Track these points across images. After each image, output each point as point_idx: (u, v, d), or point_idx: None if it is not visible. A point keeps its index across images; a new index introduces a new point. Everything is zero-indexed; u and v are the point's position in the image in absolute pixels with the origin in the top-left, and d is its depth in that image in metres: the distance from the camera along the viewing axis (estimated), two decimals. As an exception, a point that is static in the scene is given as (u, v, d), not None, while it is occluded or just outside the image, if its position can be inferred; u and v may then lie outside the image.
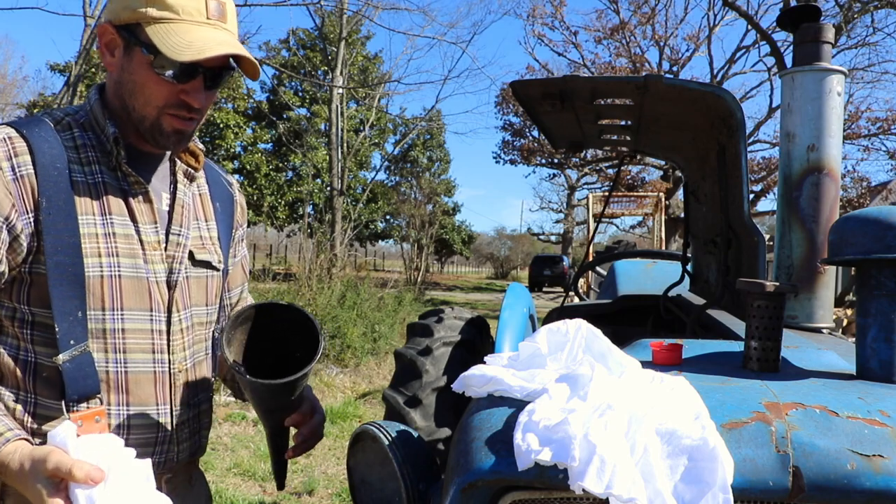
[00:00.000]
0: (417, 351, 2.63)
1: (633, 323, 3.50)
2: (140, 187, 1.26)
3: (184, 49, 1.16)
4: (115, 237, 1.21)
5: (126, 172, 1.24)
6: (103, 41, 1.24)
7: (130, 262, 1.23)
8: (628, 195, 17.09)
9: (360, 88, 22.01)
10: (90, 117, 1.26)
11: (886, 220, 1.27)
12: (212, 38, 1.19)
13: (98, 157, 1.23)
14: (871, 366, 1.29)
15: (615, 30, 23.24)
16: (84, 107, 1.29)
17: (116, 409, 1.23)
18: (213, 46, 1.17)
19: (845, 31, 16.67)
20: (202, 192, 1.43)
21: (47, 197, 1.15)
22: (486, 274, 58.01)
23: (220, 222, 1.44)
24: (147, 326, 1.25)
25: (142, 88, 1.21)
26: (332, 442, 5.31)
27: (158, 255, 1.27)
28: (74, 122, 1.25)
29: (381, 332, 8.72)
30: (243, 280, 1.58)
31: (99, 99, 1.27)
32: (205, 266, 1.37)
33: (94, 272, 1.19)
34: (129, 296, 1.22)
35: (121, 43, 1.21)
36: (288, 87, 27.08)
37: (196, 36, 1.18)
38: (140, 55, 1.19)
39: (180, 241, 1.31)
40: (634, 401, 1.01)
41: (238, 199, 1.53)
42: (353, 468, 1.39)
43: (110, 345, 1.21)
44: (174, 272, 1.30)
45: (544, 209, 39.47)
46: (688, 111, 2.20)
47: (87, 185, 1.20)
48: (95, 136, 1.25)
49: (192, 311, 1.34)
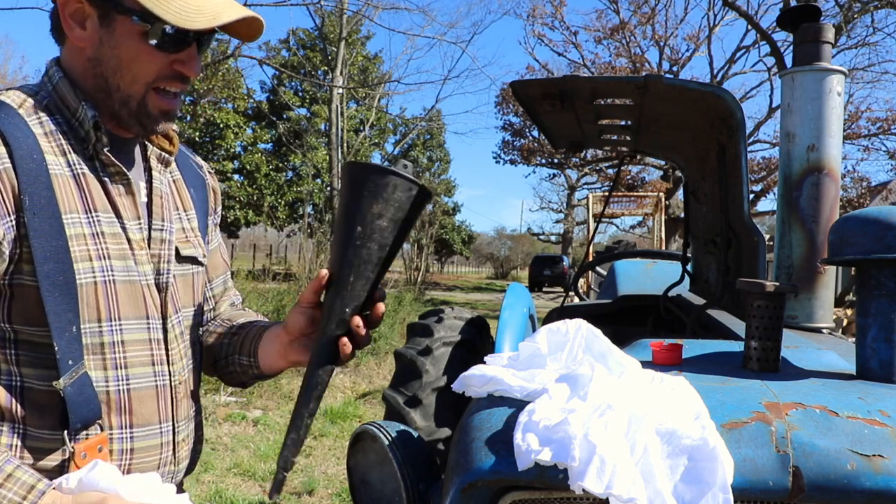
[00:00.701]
0: (417, 351, 2.63)
1: (633, 323, 3.50)
2: (122, 178, 1.11)
3: (193, 15, 1.01)
4: (103, 237, 1.06)
5: (106, 162, 1.09)
6: (67, 12, 1.05)
7: (122, 265, 1.08)
8: (628, 195, 17.09)
9: (360, 88, 22.03)
10: (54, 98, 1.08)
11: (886, 220, 1.27)
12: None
13: (73, 144, 1.06)
14: (871, 366, 1.29)
15: (615, 30, 23.25)
16: (43, 86, 1.09)
17: (119, 432, 1.08)
18: (225, 9, 1.04)
19: (845, 31, 16.67)
20: (176, 178, 1.26)
21: (29, 195, 0.98)
22: (486, 274, 58.01)
23: (198, 210, 1.29)
24: (145, 336, 1.12)
25: (130, 63, 1.05)
26: (332, 442, 5.31)
27: (145, 254, 1.13)
28: (38, 104, 1.06)
29: (380, 332, 8.72)
30: (225, 269, 1.42)
31: (64, 77, 1.08)
32: (190, 262, 1.23)
33: (87, 278, 1.03)
34: (124, 303, 1.08)
35: (93, 12, 1.04)
36: (288, 87, 27.09)
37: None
38: (128, 24, 1.03)
39: (164, 238, 1.17)
40: (634, 401, 1.01)
41: (210, 182, 1.37)
42: (353, 468, 1.39)
43: (110, 360, 1.07)
44: (162, 273, 1.15)
45: (544, 209, 39.52)
46: (688, 111, 2.20)
47: (66, 177, 1.04)
48: (65, 120, 1.07)
49: (183, 314, 1.21)
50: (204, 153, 23.86)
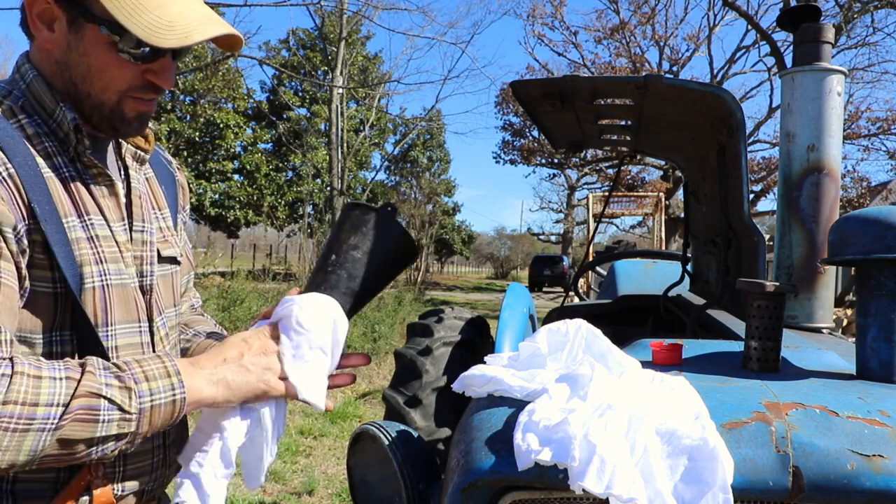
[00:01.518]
0: (417, 351, 2.63)
1: (633, 323, 3.50)
2: (104, 179, 1.08)
3: (163, 31, 0.96)
4: (98, 240, 1.04)
5: (87, 163, 1.05)
6: (34, 12, 1.00)
7: (115, 268, 1.06)
8: (628, 195, 17.09)
9: (360, 88, 22.02)
10: (28, 98, 1.02)
11: (886, 220, 1.27)
12: (191, 12, 1.00)
13: (56, 147, 1.02)
14: (871, 366, 1.29)
15: (615, 30, 23.25)
16: (15, 84, 1.04)
17: None
18: (198, 27, 0.99)
19: (845, 31, 16.68)
20: (149, 175, 1.23)
21: (37, 202, 0.95)
22: (486, 274, 58.01)
23: (170, 207, 1.26)
24: (136, 340, 1.10)
25: (100, 72, 1.01)
26: (332, 442, 5.31)
27: (130, 256, 1.10)
28: (14, 104, 1.01)
29: (380, 332, 8.72)
30: (190, 269, 1.38)
31: (39, 76, 1.03)
32: (169, 262, 1.21)
33: (88, 284, 1.01)
34: (118, 307, 1.06)
35: (61, 15, 0.99)
36: (288, 87, 27.09)
37: (172, 12, 0.98)
38: (96, 33, 0.98)
39: (146, 239, 1.14)
40: (634, 401, 1.01)
41: (179, 178, 1.34)
42: (353, 468, 1.39)
43: None
44: (146, 275, 1.13)
45: (544, 209, 39.51)
46: (688, 111, 2.20)
47: (58, 181, 1.01)
48: (42, 121, 1.02)
49: (166, 315, 1.18)
50: (204, 153, 23.88)
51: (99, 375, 0.91)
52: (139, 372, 0.94)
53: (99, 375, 0.91)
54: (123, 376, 0.93)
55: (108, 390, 0.90)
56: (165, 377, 0.95)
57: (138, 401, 0.92)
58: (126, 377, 0.93)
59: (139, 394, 0.92)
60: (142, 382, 0.93)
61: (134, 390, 0.92)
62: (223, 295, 7.78)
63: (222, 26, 1.03)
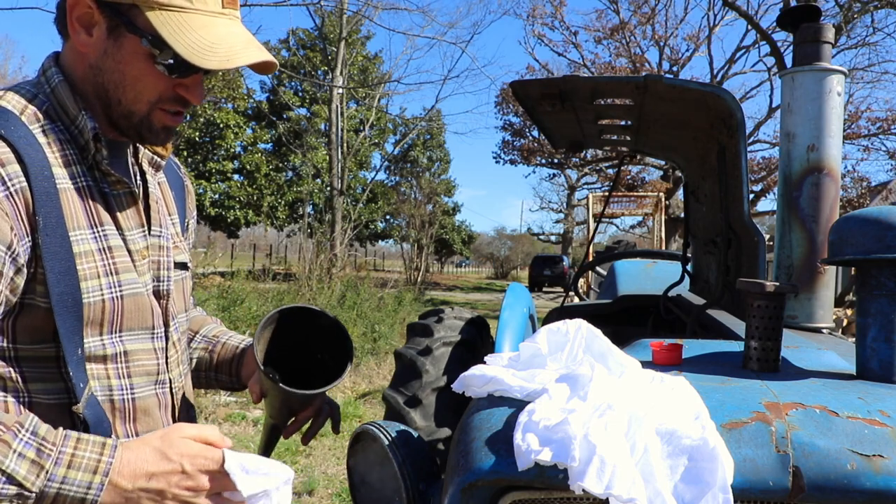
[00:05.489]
0: (417, 351, 2.63)
1: (633, 323, 3.50)
2: (122, 187, 1.08)
3: (206, 53, 0.98)
4: (111, 251, 1.04)
5: (105, 172, 1.06)
6: (74, 14, 1.00)
7: (128, 279, 1.06)
8: (628, 195, 17.10)
9: (360, 88, 22.04)
10: (53, 103, 1.03)
11: (886, 220, 1.27)
12: (233, 36, 1.02)
13: (76, 155, 1.02)
14: (871, 366, 1.29)
15: (615, 30, 23.25)
16: (41, 88, 1.04)
17: (125, 441, 1.03)
18: (240, 51, 1.01)
19: (845, 31, 16.67)
20: (161, 181, 1.23)
21: (43, 215, 0.95)
22: (486, 274, 58.00)
23: (178, 212, 1.27)
24: (150, 346, 1.11)
25: (134, 82, 1.02)
26: (332, 442, 5.31)
27: (146, 263, 1.11)
28: (38, 109, 1.01)
29: (381, 332, 8.72)
30: (191, 274, 1.41)
31: (64, 80, 1.03)
32: (181, 268, 1.22)
33: (94, 297, 1.01)
34: (130, 316, 1.06)
35: (102, 22, 0.99)
36: (288, 87, 27.10)
37: (216, 34, 1.00)
38: (136, 45, 0.99)
39: (163, 244, 1.15)
40: (634, 401, 1.01)
41: (187, 183, 1.34)
42: (353, 468, 1.39)
43: (112, 371, 1.05)
44: (162, 280, 1.14)
45: (544, 209, 39.48)
46: (688, 111, 2.20)
47: (72, 192, 1.00)
48: (65, 126, 1.03)
49: (178, 320, 1.19)
50: (204, 153, 23.88)
51: (18, 442, 0.85)
52: (68, 454, 0.87)
53: (18, 442, 0.85)
54: (45, 451, 0.86)
55: (14, 462, 0.83)
56: (90, 473, 0.87)
57: (44, 482, 0.85)
58: (48, 453, 0.86)
59: (50, 476, 0.85)
60: (61, 466, 0.86)
61: (47, 470, 0.85)
62: (223, 295, 7.78)
63: (261, 52, 1.04)
